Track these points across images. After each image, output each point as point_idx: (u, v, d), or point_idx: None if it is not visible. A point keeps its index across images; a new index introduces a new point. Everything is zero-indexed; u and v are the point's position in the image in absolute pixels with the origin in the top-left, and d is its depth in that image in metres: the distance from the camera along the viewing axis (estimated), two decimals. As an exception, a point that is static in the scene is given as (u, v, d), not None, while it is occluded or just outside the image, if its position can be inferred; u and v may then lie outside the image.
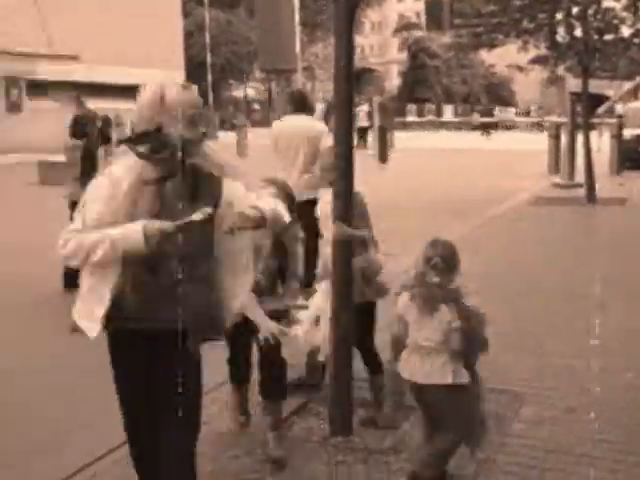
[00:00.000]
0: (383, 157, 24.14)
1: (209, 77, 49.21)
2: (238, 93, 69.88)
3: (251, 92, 70.39)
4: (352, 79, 4.17)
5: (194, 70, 42.83)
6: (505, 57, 21.53)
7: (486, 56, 49.40)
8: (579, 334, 5.88)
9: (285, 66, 39.16)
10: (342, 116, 4.16)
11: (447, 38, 60.36)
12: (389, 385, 4.23)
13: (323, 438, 4.12)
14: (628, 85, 40.08)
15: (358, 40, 79.51)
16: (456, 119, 58.17)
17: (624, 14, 14.47)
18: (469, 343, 3.31)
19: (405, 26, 75.78)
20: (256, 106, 68.37)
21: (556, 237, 10.80)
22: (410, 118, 56.73)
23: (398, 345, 3.49)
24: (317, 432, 4.20)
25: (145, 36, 29.33)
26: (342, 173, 4.13)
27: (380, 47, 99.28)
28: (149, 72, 29.56)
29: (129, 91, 24.72)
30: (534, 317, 6.55)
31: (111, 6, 28.32)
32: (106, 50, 27.42)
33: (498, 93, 73.23)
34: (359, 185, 4.19)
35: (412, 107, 61.87)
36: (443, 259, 3.31)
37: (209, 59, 49.73)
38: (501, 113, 59.78)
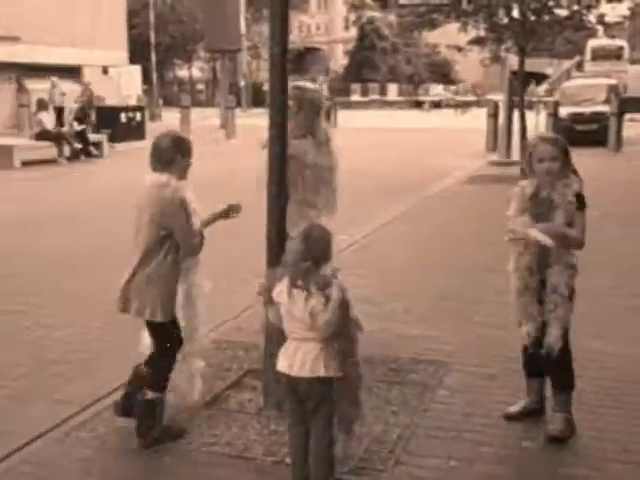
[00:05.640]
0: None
1: (153, 56, 48.59)
2: (183, 73, 69.20)
3: (196, 72, 69.79)
4: (286, 64, 4.27)
5: (139, 49, 42.28)
6: (449, 38, 21.85)
7: (430, 36, 49.72)
8: (505, 306, 6.14)
9: (230, 46, 39.08)
10: (277, 98, 4.23)
11: (393, 18, 60.54)
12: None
13: (258, 409, 4.31)
14: (567, 64, 40.95)
15: (304, 19, 79.31)
16: (400, 98, 58.60)
17: (560, -4, 14.89)
18: (338, 329, 3.31)
19: (358, 4, 75.59)
20: (200, 86, 67.81)
21: (491, 214, 11.07)
22: (355, 97, 56.94)
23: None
24: (252, 404, 4.39)
25: (87, 15, 28.82)
26: (276, 154, 4.21)
27: (326, 26, 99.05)
28: (92, 52, 29.20)
29: (72, 72, 24.44)
30: (462, 290, 6.82)
31: (51, -16, 27.78)
32: (48, 30, 26.90)
33: (441, 72, 73.79)
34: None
35: (356, 87, 62.09)
36: (313, 255, 3.27)
37: (153, 38, 49.06)
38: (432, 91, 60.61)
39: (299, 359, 3.31)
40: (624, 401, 4.41)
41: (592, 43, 38.79)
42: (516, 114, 17.16)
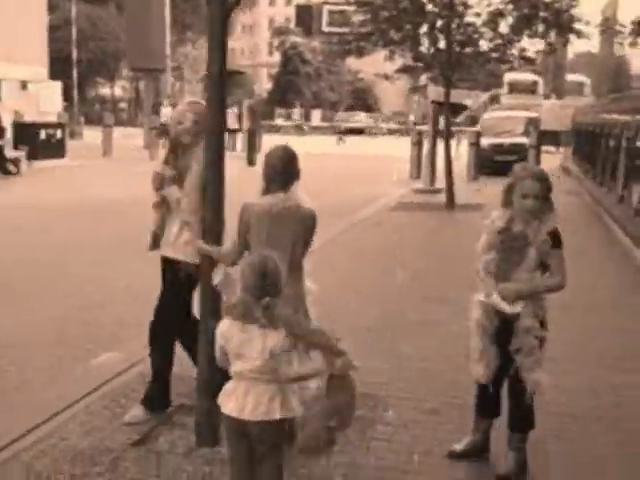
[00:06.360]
0: (251, 160, 24.12)
1: (74, 73, 47.60)
2: (105, 91, 68.05)
3: (118, 90, 68.74)
4: (224, 84, 4.15)
5: (60, 65, 41.30)
6: (372, 65, 22.08)
7: (353, 62, 50.28)
8: (435, 337, 6.07)
9: (154, 65, 38.97)
10: (214, 118, 4.13)
11: (316, 43, 61.17)
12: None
13: (189, 449, 4.05)
14: (484, 96, 42.02)
15: (229, 43, 79.31)
16: (324, 124, 59.05)
17: (484, 29, 15.15)
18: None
19: (282, 30, 76.28)
20: (123, 105, 66.84)
21: (416, 242, 11.12)
22: (279, 121, 57.05)
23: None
24: (183, 444, 4.13)
25: (7, 30, 28.00)
26: (212, 179, 4.10)
27: (250, 50, 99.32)
28: (10, 67, 28.28)
29: (-10, 85, 22.93)
30: (390, 321, 6.70)
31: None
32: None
33: (363, 99, 74.80)
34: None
35: (281, 111, 62.30)
36: (271, 291, 3.07)
37: (75, 55, 48.11)
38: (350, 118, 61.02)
39: (251, 400, 3.05)
40: (566, 437, 4.35)
41: (509, 77, 39.98)
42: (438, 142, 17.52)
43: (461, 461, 4.00)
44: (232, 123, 30.73)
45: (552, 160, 25.66)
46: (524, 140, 22.13)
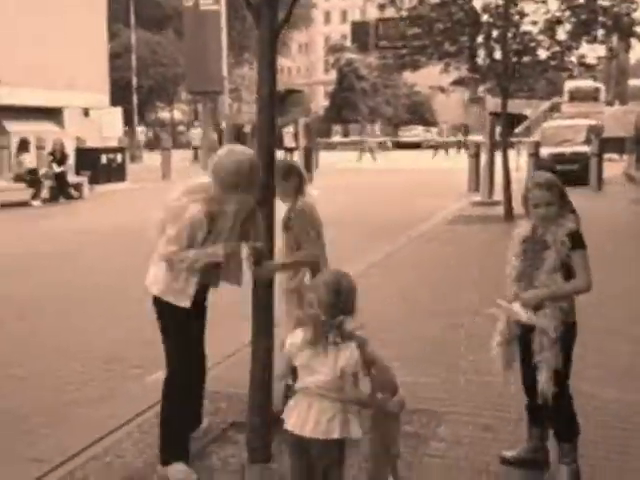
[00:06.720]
0: (308, 177, 24.26)
1: (135, 99, 48.71)
2: (164, 114, 69.43)
3: (177, 114, 70.04)
4: (274, 104, 4.17)
5: (120, 91, 42.31)
6: (428, 78, 22.02)
7: (409, 76, 50.10)
8: (487, 351, 5.93)
9: (212, 88, 39.44)
10: (264, 140, 4.14)
11: (372, 59, 61.26)
12: None
13: (241, 466, 4.05)
14: (544, 105, 41.39)
15: (285, 62, 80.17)
16: (381, 139, 58.83)
17: (541, 37, 14.94)
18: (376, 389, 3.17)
19: (337, 47, 76.81)
20: (182, 128, 68.04)
21: (475, 255, 10.98)
22: (336, 138, 57.16)
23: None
24: (235, 461, 4.13)
25: (68, 58, 28.81)
26: (263, 196, 4.11)
27: (307, 68, 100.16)
28: (73, 95, 29.10)
29: (52, 113, 24.01)
30: (448, 335, 6.61)
31: (33, 27, 27.74)
32: (28, 72, 26.86)
33: (420, 113, 74.50)
34: (281, 207, 4.21)
35: (338, 128, 62.42)
36: (345, 309, 3.06)
37: (135, 81, 49.25)
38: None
39: (313, 418, 3.05)
40: (629, 452, 4.20)
41: (569, 85, 39.32)
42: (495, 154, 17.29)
43: (515, 476, 3.90)
44: (289, 142, 30.99)
45: (615, 168, 25.11)
46: (586, 149, 21.72)
